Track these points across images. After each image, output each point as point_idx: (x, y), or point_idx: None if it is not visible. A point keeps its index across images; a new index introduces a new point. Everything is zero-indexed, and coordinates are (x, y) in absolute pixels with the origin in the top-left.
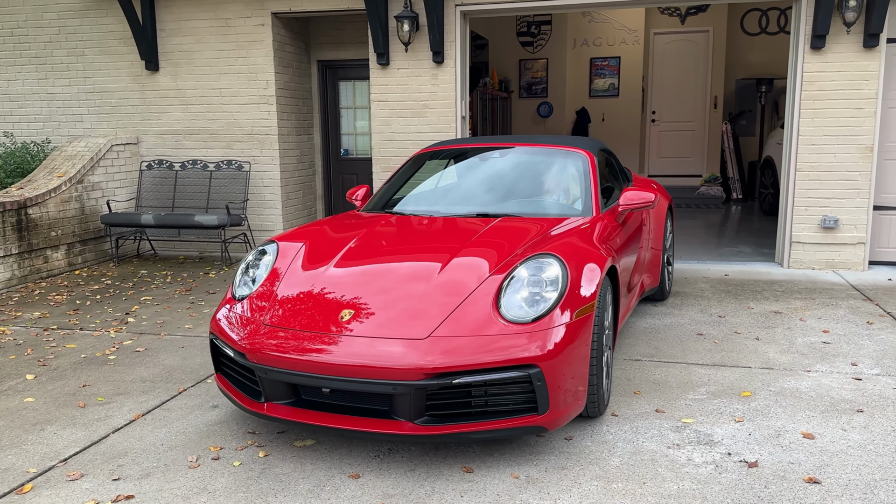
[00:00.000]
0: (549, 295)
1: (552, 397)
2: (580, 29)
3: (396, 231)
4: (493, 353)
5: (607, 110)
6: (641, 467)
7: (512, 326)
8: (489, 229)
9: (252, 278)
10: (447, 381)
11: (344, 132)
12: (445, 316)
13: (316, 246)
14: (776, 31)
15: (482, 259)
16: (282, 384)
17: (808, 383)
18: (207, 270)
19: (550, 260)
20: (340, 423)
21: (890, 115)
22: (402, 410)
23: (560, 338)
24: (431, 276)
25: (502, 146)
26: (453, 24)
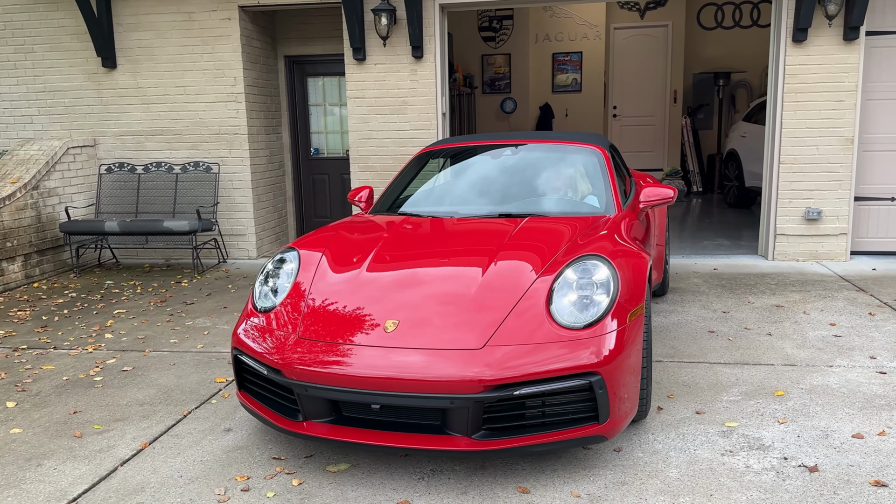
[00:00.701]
0: (599, 298)
1: (612, 405)
2: (542, 24)
3: (421, 233)
4: (553, 362)
5: (570, 105)
6: (702, 478)
7: (567, 332)
8: (521, 230)
9: (272, 289)
10: (508, 393)
11: (314, 130)
12: (498, 323)
13: (339, 252)
14: (731, 26)
15: (524, 262)
16: (322, 401)
17: (835, 379)
18: (178, 279)
19: (597, 261)
20: (391, 440)
21: (868, 107)
22: (458, 425)
23: (617, 342)
24: (474, 281)
25: (510, 143)
26: (432, 18)
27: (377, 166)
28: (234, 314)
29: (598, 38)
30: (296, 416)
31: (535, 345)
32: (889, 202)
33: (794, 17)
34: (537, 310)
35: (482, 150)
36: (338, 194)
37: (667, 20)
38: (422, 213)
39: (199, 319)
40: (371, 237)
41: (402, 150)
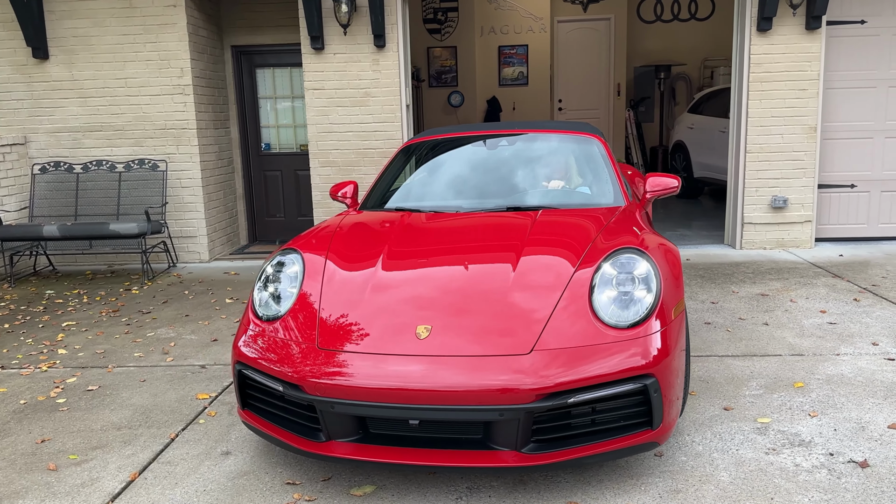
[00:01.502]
0: (640, 294)
1: (664, 408)
2: (487, 16)
3: (429, 229)
4: (605, 365)
5: (517, 99)
6: (756, 480)
7: (615, 332)
8: (540, 224)
9: (274, 295)
10: (562, 402)
11: (264, 124)
12: (542, 325)
13: (345, 252)
14: (670, 19)
15: (556, 257)
16: (347, 418)
17: (847, 368)
18: (127, 286)
19: (634, 255)
20: (429, 459)
21: (829, 95)
22: (505, 438)
23: (667, 341)
24: (506, 279)
25: (502, 134)
26: (395, 5)
27: (339, 161)
28: (198, 323)
29: (543, 31)
30: (317, 436)
31: (585, 347)
32: (849, 189)
33: (759, 7)
34: (580, 309)
35: (474, 140)
36: (291, 191)
37: (609, 14)
38: (422, 207)
39: (160, 330)
40: (375, 235)
41: (366, 144)
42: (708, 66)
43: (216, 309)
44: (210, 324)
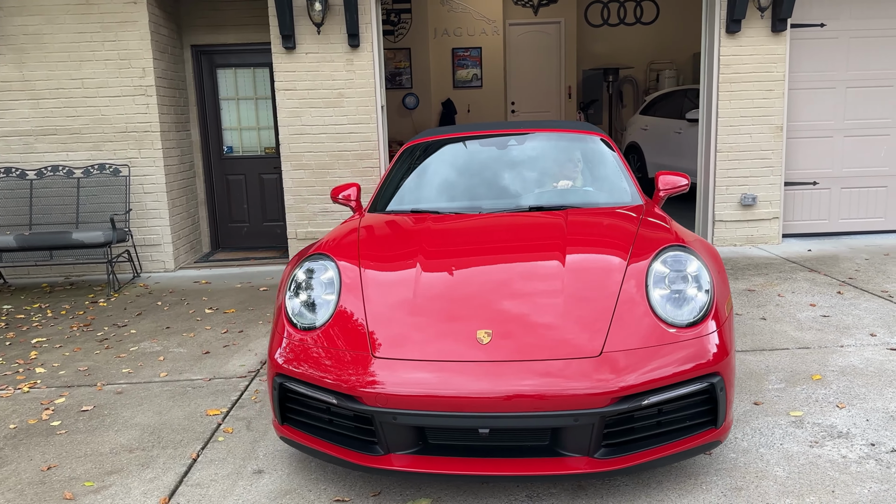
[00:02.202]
0: (692, 292)
1: (728, 406)
2: (440, 18)
3: (458, 230)
4: (675, 365)
5: (472, 101)
6: (810, 474)
7: (677, 331)
8: (574, 223)
9: (307, 303)
10: (636, 404)
11: (226, 127)
12: (606, 326)
13: (377, 257)
14: (617, 23)
15: (603, 256)
16: (407, 430)
17: (855, 360)
18: (93, 298)
19: (683, 253)
20: (496, 468)
21: (793, 96)
22: (577, 444)
23: (725, 339)
24: (558, 279)
25: (507, 133)
26: (368, 4)
27: (312, 164)
28: (182, 335)
29: (496, 34)
30: (373, 450)
31: (652, 348)
32: (812, 186)
33: (729, 9)
34: (640, 308)
35: (481, 140)
36: (256, 196)
37: (559, 17)
38: (440, 209)
39: (143, 344)
40: (403, 238)
41: (340, 147)
42: (654, 70)
43: (197, 320)
44: (196, 336)
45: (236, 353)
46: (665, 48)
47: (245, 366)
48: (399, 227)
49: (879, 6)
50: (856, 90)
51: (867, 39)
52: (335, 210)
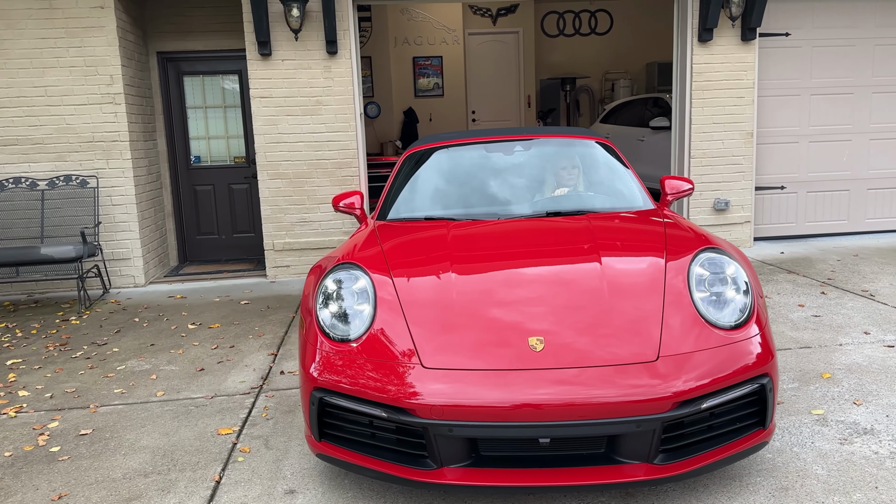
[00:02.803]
0: (731, 294)
1: (774, 407)
2: (400, 27)
3: (486, 236)
4: (729, 367)
5: (434, 110)
6: (849, 471)
7: (724, 333)
8: (599, 228)
9: (340, 314)
10: (696, 408)
11: (193, 136)
12: (658, 329)
13: (406, 264)
14: (572, 34)
15: (640, 258)
16: (460, 442)
17: (858, 357)
18: (63, 316)
19: (719, 255)
20: (553, 479)
21: (762, 103)
22: (636, 451)
23: (769, 339)
24: (599, 282)
25: (510, 139)
26: (346, 11)
27: (290, 173)
28: (170, 353)
29: (456, 43)
30: (424, 464)
31: (705, 350)
32: (780, 190)
33: (701, 18)
34: (687, 311)
35: (486, 146)
36: (225, 207)
37: (517, 27)
38: (455, 215)
39: (130, 362)
40: (427, 245)
41: (319, 155)
42: (609, 79)
43: (182, 336)
44: (185, 352)
45: (232, 369)
46: (619, 58)
47: (245, 382)
48: (420, 235)
49: (839, 17)
50: (819, 97)
51: (829, 49)
52: (314, 220)
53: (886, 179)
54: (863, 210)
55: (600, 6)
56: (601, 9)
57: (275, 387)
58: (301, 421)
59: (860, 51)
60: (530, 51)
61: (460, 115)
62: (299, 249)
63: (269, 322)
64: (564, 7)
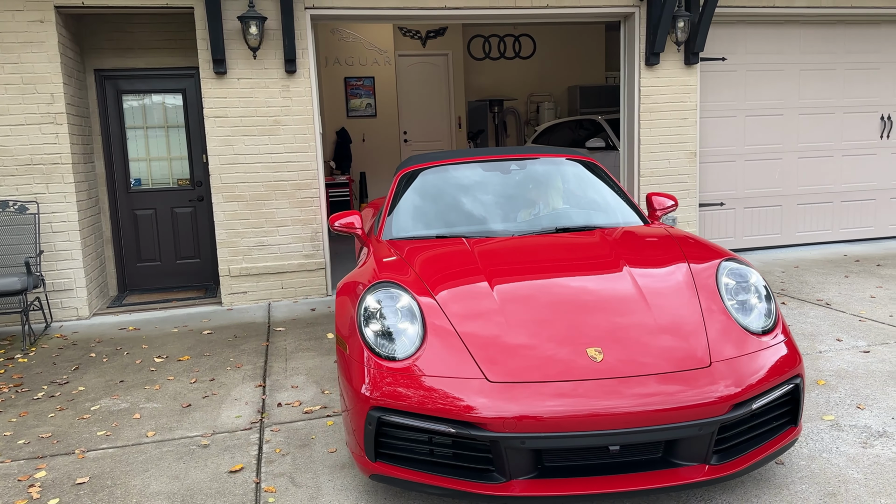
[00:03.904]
0: (755, 300)
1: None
2: (331, 47)
3: (508, 251)
4: (770, 369)
5: (367, 130)
6: (885, 474)
7: (758, 338)
8: (615, 242)
9: (384, 332)
10: (748, 409)
11: (133, 158)
12: (703, 336)
13: (441, 280)
14: (498, 57)
15: (665, 269)
16: (527, 454)
17: (841, 363)
18: (6, 354)
19: (738, 265)
20: (620, 485)
21: (703, 124)
22: (693, 453)
23: (795, 343)
24: (635, 293)
25: (504, 158)
26: (305, 30)
27: (246, 195)
28: (145, 389)
29: (388, 64)
30: (491, 478)
31: (749, 354)
32: (720, 207)
33: (648, 43)
34: (722, 317)
35: (482, 165)
36: (168, 232)
37: (446, 49)
38: (467, 233)
39: (103, 401)
40: (454, 261)
41: (277, 176)
42: (533, 101)
43: (152, 371)
44: (161, 388)
45: (222, 403)
46: (543, 81)
47: (242, 417)
48: (443, 251)
49: (768, 44)
50: (753, 118)
51: (760, 73)
52: (273, 244)
53: (814, 195)
54: (794, 224)
55: (524, 31)
56: (524, 34)
57: (277, 420)
58: (322, 454)
59: (787, 75)
60: (459, 73)
61: (393, 135)
62: (257, 275)
63: (242, 352)
64: (490, 31)
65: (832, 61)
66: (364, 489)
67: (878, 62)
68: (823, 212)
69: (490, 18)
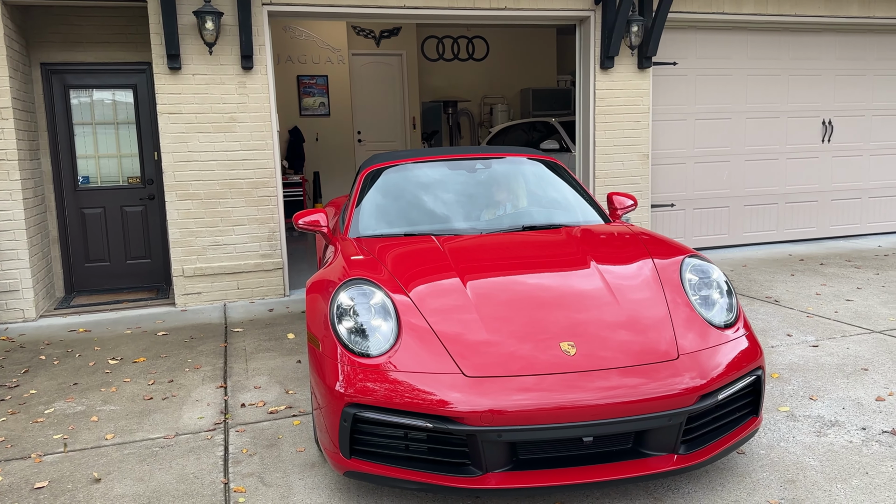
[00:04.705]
0: (716, 296)
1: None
2: (283, 44)
3: (478, 248)
4: (734, 361)
5: (320, 130)
6: (838, 460)
7: (721, 332)
8: (581, 240)
9: (356, 329)
10: (713, 400)
11: (81, 155)
12: (670, 330)
13: (412, 277)
14: (451, 58)
15: (631, 266)
16: (503, 447)
17: (793, 357)
18: None
19: (701, 261)
20: (594, 475)
21: (656, 127)
22: (662, 443)
23: (755, 336)
24: (605, 289)
25: (468, 157)
26: (262, 26)
27: (201, 193)
28: (101, 391)
29: (341, 63)
30: (467, 471)
31: (713, 347)
32: (670, 208)
33: (603, 47)
34: (687, 312)
35: (448, 164)
36: (118, 232)
37: (400, 49)
38: (435, 231)
39: (58, 405)
40: (425, 258)
41: (233, 174)
42: (487, 103)
43: (107, 373)
44: (119, 391)
45: (182, 405)
46: (496, 84)
47: (205, 418)
48: (412, 248)
49: (717, 49)
50: (702, 122)
51: (710, 77)
52: (228, 243)
53: (760, 196)
54: (741, 224)
55: (477, 33)
56: (478, 35)
57: (241, 421)
58: (291, 453)
59: (735, 80)
60: (413, 73)
61: (347, 135)
62: (212, 275)
63: (200, 353)
64: (443, 32)
65: (777, 67)
66: (336, 487)
67: (820, 69)
68: (769, 213)
69: (449, 19)
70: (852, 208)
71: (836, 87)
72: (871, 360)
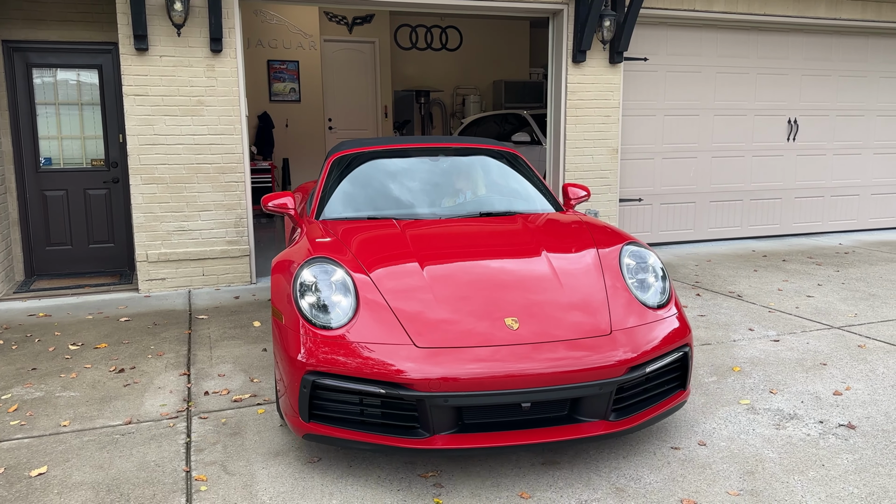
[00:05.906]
0: (652, 279)
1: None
2: (254, 28)
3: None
4: (663, 338)
5: (291, 116)
6: (795, 452)
7: (654, 311)
8: (534, 227)
9: (318, 304)
10: (642, 372)
11: (43, 136)
12: (606, 308)
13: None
14: (424, 48)
15: (577, 253)
16: (449, 412)
17: (754, 352)
18: None
19: (639, 248)
20: (530, 438)
21: (625, 122)
22: (595, 410)
23: (685, 316)
24: (550, 271)
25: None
26: (232, 8)
27: (167, 177)
28: (60, 377)
29: (313, 49)
30: (416, 434)
31: (645, 325)
32: (638, 202)
33: (576, 41)
34: (624, 293)
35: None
36: (80, 215)
37: (373, 37)
38: (397, 215)
39: (15, 390)
40: (385, 240)
41: (200, 159)
42: (459, 94)
43: (66, 358)
44: (79, 377)
45: (144, 392)
46: (469, 74)
47: (167, 406)
48: (375, 232)
49: (687, 46)
50: (671, 118)
51: (679, 74)
52: (194, 229)
53: (726, 193)
54: (706, 220)
55: (451, 23)
56: (451, 25)
57: (204, 409)
58: (255, 442)
59: (705, 77)
60: (386, 62)
61: (318, 122)
62: (177, 261)
63: (163, 340)
64: (417, 21)
65: (746, 65)
66: (299, 475)
67: (787, 68)
68: (734, 209)
69: (423, 7)
70: (815, 206)
71: (803, 87)
72: (829, 356)
